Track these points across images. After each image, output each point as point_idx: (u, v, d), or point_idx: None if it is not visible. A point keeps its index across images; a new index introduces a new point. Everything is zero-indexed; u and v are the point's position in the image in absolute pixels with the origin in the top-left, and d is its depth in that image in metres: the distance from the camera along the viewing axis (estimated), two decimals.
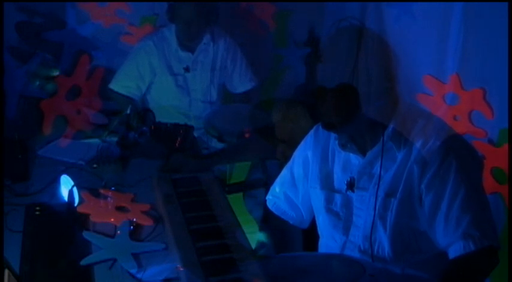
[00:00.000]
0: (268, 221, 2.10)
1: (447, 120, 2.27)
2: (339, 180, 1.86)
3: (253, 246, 1.92)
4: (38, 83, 2.93)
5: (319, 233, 1.97)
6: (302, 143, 2.01)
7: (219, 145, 3.00)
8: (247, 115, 2.99)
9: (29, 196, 2.11)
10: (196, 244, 1.72)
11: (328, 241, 1.92)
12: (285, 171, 2.05)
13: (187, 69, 3.20)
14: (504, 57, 2.23)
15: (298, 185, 1.99)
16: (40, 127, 2.67)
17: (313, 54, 1.90)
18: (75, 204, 2.02)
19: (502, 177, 2.41)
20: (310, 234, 2.05)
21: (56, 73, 2.96)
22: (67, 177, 2.12)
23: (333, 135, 1.88)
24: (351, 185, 1.82)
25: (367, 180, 1.79)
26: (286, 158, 2.14)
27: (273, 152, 2.34)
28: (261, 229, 2.10)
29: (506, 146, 2.35)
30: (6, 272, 1.47)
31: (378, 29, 1.70)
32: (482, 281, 1.73)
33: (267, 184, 2.59)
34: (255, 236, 2.06)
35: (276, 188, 2.08)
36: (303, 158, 1.97)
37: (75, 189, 2.05)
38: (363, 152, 1.80)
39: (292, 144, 2.13)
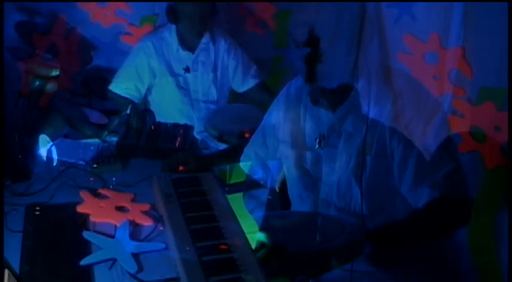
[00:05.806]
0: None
1: (426, 79, 2.27)
2: (310, 137, 1.86)
3: (253, 246, 1.92)
4: (37, 82, 2.93)
5: (289, 193, 1.97)
6: (274, 102, 2.02)
7: (219, 145, 2.99)
8: (247, 115, 2.99)
9: (29, 196, 2.11)
10: (196, 244, 1.72)
11: (297, 200, 1.92)
12: (257, 132, 2.06)
13: (187, 70, 3.19)
14: (489, 24, 2.22)
15: (268, 144, 2.00)
16: (40, 127, 2.67)
17: (313, 54, 1.90)
18: (54, 164, 2.05)
19: (480, 135, 2.42)
20: None
21: (56, 73, 2.96)
22: (45, 136, 2.13)
23: (304, 92, 1.88)
24: (320, 142, 1.82)
25: (336, 137, 1.80)
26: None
27: None
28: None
29: (485, 105, 2.36)
30: (6, 272, 1.47)
31: (378, 29, 1.70)
32: (451, 229, 1.75)
33: (268, 184, 2.59)
34: (255, 236, 2.05)
35: (248, 148, 2.10)
36: (275, 117, 1.97)
37: (53, 148, 2.07)
38: (333, 108, 1.80)
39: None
